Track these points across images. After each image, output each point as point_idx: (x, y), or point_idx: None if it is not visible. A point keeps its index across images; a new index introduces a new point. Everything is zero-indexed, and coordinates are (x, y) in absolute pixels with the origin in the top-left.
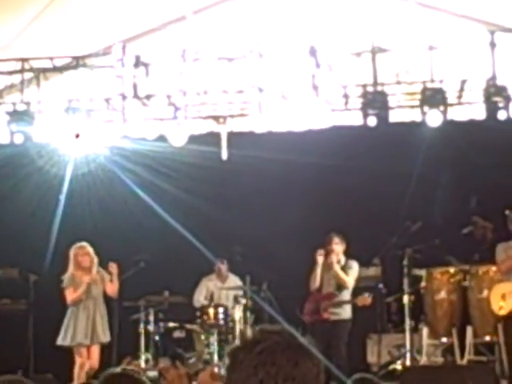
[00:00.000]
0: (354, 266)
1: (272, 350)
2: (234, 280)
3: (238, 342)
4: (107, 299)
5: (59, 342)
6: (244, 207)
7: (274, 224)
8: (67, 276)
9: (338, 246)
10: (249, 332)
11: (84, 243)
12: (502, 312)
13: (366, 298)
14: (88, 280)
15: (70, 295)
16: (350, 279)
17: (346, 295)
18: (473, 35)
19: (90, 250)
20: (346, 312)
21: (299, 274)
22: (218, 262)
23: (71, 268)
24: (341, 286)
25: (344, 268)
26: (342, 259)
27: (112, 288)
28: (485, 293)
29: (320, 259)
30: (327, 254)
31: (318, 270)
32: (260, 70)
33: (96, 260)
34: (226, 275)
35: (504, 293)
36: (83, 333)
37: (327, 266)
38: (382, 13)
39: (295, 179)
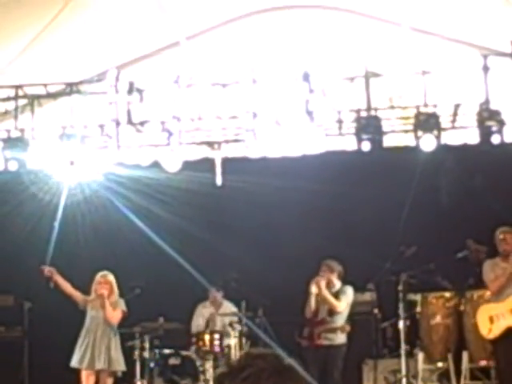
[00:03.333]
0: (348, 291)
1: (257, 377)
2: (228, 307)
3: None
4: None
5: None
6: (239, 233)
7: (269, 250)
8: (84, 299)
9: (327, 273)
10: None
11: (106, 272)
12: (491, 336)
13: (345, 327)
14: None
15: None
16: (341, 304)
17: (339, 321)
18: (466, 59)
19: (111, 278)
20: (339, 337)
21: (294, 299)
22: (213, 290)
23: (92, 294)
24: (332, 312)
25: (338, 293)
26: (338, 284)
27: (110, 314)
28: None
29: (313, 288)
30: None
31: (312, 299)
32: (254, 96)
33: (115, 290)
34: (221, 302)
35: (491, 315)
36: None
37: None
38: (375, 38)
39: (290, 205)
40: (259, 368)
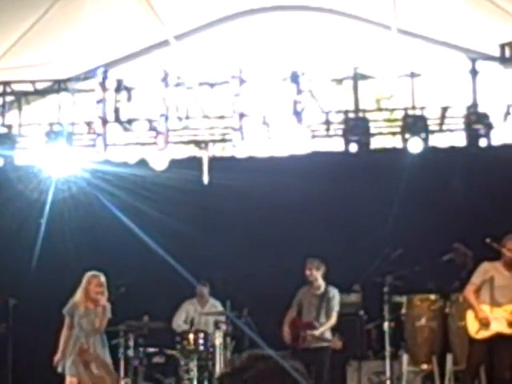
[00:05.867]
0: (335, 296)
1: (257, 378)
2: (214, 305)
3: (220, 368)
4: None
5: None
6: (225, 232)
7: (255, 249)
8: (70, 304)
9: (315, 271)
10: (233, 358)
11: (98, 272)
12: (479, 336)
13: (335, 342)
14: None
15: (65, 328)
16: (333, 319)
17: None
18: (454, 63)
19: (103, 280)
20: (326, 339)
21: (280, 299)
22: (199, 285)
23: (78, 295)
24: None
25: (323, 296)
26: (322, 285)
27: (101, 323)
28: (465, 320)
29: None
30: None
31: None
32: (242, 96)
33: (106, 293)
34: (207, 299)
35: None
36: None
37: (308, 293)
38: (363, 40)
39: (276, 204)
40: (260, 369)
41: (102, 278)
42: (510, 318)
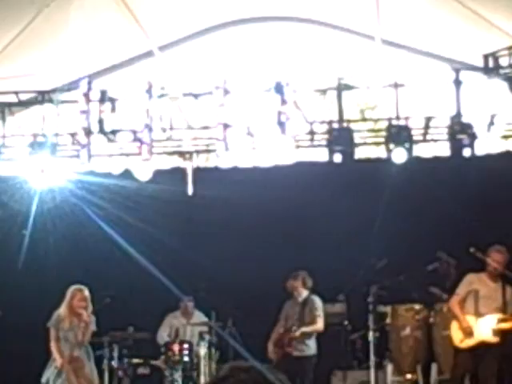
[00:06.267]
0: (317, 302)
1: None
2: (199, 316)
3: (205, 379)
4: None
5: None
6: (209, 242)
7: (240, 260)
8: (55, 316)
9: (294, 282)
10: (218, 368)
11: (82, 286)
12: (463, 345)
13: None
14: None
15: (53, 341)
16: (319, 324)
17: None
18: (438, 73)
19: (87, 294)
20: (310, 348)
21: (264, 310)
22: (186, 299)
23: (62, 310)
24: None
25: (305, 302)
26: (304, 293)
27: (84, 336)
28: (449, 330)
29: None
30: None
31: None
32: (226, 106)
33: (90, 306)
34: (192, 312)
35: (468, 326)
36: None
37: (292, 304)
38: (347, 50)
39: (260, 215)
40: (240, 379)
41: (86, 292)
42: (496, 327)
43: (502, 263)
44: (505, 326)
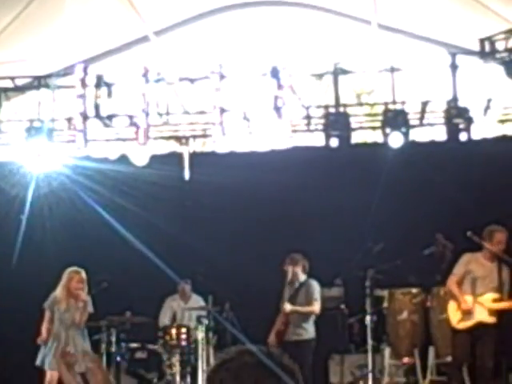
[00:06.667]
0: (315, 287)
1: (240, 370)
2: (197, 300)
3: (203, 363)
4: None
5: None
6: (206, 227)
7: (236, 244)
8: (51, 298)
9: (293, 267)
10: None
11: (79, 268)
12: (461, 326)
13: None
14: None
15: (45, 322)
16: (316, 306)
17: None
18: (434, 57)
19: (84, 276)
20: (308, 332)
21: (262, 293)
22: (182, 282)
23: (59, 291)
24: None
25: (301, 285)
26: (302, 277)
27: (82, 317)
28: (446, 313)
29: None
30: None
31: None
32: (222, 91)
33: (86, 288)
34: (190, 295)
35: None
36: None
37: (290, 288)
38: (343, 35)
39: (257, 199)
40: (244, 362)
41: (83, 274)
42: (490, 306)
43: (504, 242)
44: (499, 306)
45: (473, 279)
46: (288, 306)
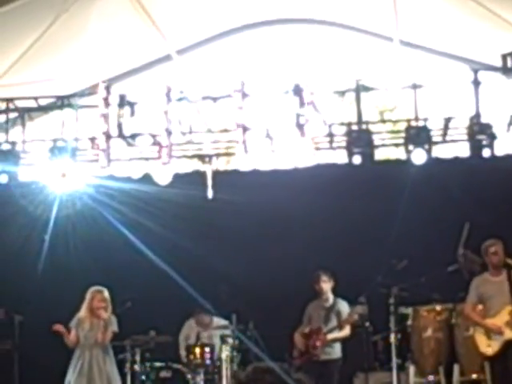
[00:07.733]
0: (345, 308)
1: None
2: (218, 322)
3: (227, 382)
4: None
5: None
6: (230, 245)
7: (260, 262)
8: (75, 319)
9: (326, 284)
10: (238, 371)
11: (101, 288)
12: (490, 352)
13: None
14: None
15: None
16: (346, 331)
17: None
18: (456, 73)
19: (107, 295)
20: (336, 351)
21: (286, 312)
22: (196, 310)
23: (83, 310)
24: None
25: (332, 308)
26: (331, 297)
27: (104, 336)
28: (471, 330)
29: None
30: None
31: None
32: (245, 109)
33: (110, 307)
34: (208, 322)
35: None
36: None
37: (317, 307)
38: (366, 51)
39: (280, 217)
40: (267, 382)
41: (106, 293)
42: (510, 320)
43: (500, 252)
44: None
45: (485, 301)
46: (328, 336)
